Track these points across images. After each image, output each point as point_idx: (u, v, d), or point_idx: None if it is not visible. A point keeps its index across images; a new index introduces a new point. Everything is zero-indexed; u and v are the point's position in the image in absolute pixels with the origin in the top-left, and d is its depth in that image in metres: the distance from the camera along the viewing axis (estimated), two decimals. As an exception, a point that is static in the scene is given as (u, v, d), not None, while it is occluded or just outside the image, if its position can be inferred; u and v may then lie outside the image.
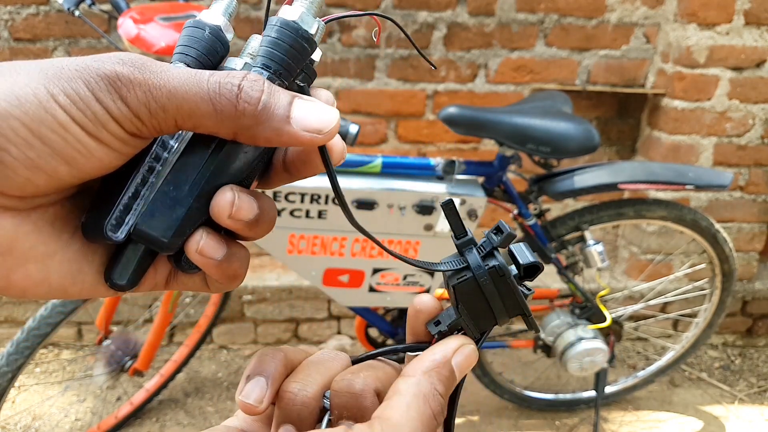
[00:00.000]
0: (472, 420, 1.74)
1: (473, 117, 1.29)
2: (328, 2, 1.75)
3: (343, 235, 1.33)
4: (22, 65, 0.22)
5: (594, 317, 1.57)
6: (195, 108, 0.23)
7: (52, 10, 1.71)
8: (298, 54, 0.26)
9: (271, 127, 0.24)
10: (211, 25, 0.28)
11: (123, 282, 0.26)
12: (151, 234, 0.25)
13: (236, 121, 0.24)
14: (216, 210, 0.25)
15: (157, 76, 0.23)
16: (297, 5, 0.26)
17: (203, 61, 0.27)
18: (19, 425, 1.65)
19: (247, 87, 0.24)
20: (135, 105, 0.23)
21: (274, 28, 0.26)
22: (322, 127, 0.25)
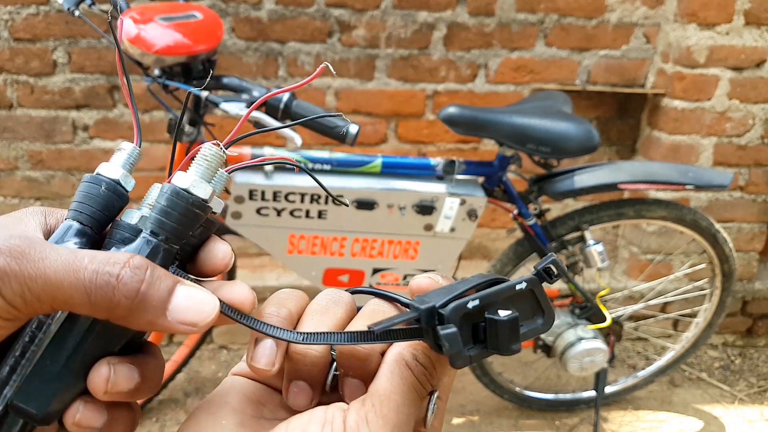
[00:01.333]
0: (472, 420, 1.74)
1: (473, 117, 1.29)
2: (329, 3, 1.75)
3: (343, 235, 1.33)
4: None
5: (594, 317, 1.57)
6: (69, 297, 0.24)
7: (52, 10, 1.71)
8: (190, 220, 0.27)
9: (146, 318, 0.24)
10: (107, 180, 0.28)
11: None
12: (25, 408, 0.25)
13: (110, 311, 0.24)
14: (92, 386, 0.26)
15: (34, 266, 0.23)
16: (191, 171, 0.27)
17: (98, 217, 0.27)
18: (19, 425, 1.65)
19: (127, 277, 0.24)
20: (10, 296, 0.23)
21: (164, 196, 0.26)
22: (198, 321, 0.25)
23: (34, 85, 1.78)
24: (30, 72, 1.77)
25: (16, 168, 1.88)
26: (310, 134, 1.83)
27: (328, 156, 1.31)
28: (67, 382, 0.26)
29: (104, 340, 0.26)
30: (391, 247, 1.36)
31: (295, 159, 1.29)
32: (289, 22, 1.76)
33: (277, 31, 1.77)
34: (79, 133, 1.85)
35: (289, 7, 1.75)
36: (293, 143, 1.15)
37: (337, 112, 1.87)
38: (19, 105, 1.81)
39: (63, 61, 1.77)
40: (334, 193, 1.28)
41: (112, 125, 1.84)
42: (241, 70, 1.80)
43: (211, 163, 0.27)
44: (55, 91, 1.79)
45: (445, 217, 1.33)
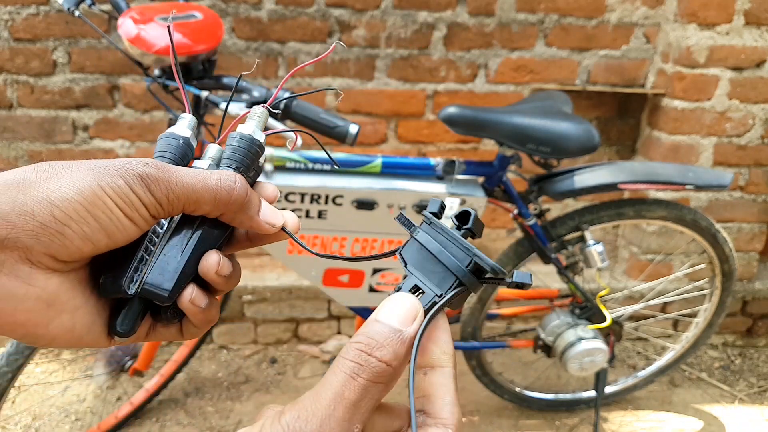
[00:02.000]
0: (472, 420, 1.74)
1: (473, 117, 1.29)
2: (329, 3, 1.75)
3: (343, 235, 1.33)
4: (74, 164, 0.30)
5: (594, 317, 1.57)
6: (200, 197, 0.33)
7: (52, 10, 1.71)
8: (254, 156, 0.37)
9: (247, 215, 0.35)
10: (183, 137, 0.37)
11: (125, 330, 0.34)
12: (156, 289, 0.33)
13: (227, 206, 0.34)
14: (205, 269, 0.34)
15: (174, 175, 0.32)
16: (249, 123, 0.37)
17: (177, 160, 0.36)
18: (19, 425, 1.65)
19: (239, 186, 0.34)
20: (159, 195, 0.31)
21: (236, 139, 0.37)
22: (275, 222, 0.36)
23: (34, 85, 1.78)
24: (30, 72, 1.77)
25: (16, 168, 1.88)
26: (310, 134, 1.82)
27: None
28: (185, 269, 0.34)
29: (210, 238, 0.35)
30: (390, 247, 1.36)
31: (296, 158, 1.29)
32: (289, 22, 1.76)
33: (277, 31, 1.77)
34: (79, 133, 1.85)
35: (289, 7, 1.75)
36: (293, 143, 1.15)
37: (337, 112, 1.87)
38: (19, 105, 1.81)
39: (63, 61, 1.77)
40: (334, 193, 1.28)
41: (112, 125, 1.84)
42: (241, 70, 1.80)
43: (261, 118, 0.38)
44: (55, 91, 1.79)
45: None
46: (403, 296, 0.31)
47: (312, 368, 1.93)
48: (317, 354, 1.99)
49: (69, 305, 0.31)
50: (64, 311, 0.31)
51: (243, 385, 1.85)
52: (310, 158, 1.30)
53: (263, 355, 1.98)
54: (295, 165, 1.30)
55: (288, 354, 1.99)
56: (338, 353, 0.30)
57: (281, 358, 1.97)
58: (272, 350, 2.01)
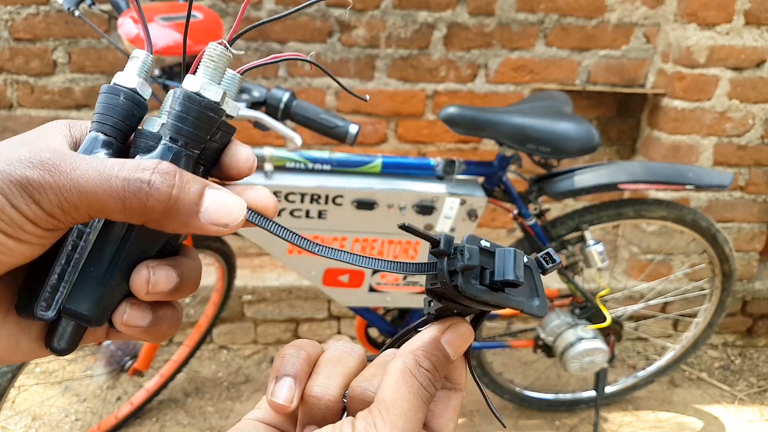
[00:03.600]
0: (472, 420, 1.74)
1: (473, 117, 1.29)
2: (329, 3, 1.75)
3: (343, 235, 1.33)
4: None
5: (594, 317, 1.57)
6: (104, 204, 0.24)
7: (52, 10, 1.71)
8: (206, 124, 0.27)
9: (180, 220, 0.25)
10: (126, 90, 0.28)
11: (62, 347, 0.28)
12: (78, 312, 0.27)
13: (145, 215, 0.25)
14: (134, 288, 0.27)
15: (67, 177, 0.24)
16: (199, 74, 0.27)
17: (121, 127, 0.28)
18: (19, 425, 1.65)
19: (158, 182, 0.24)
20: (48, 207, 0.24)
21: (177, 101, 0.26)
22: (228, 221, 0.26)
23: (34, 85, 1.78)
24: (30, 72, 1.77)
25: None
26: (310, 134, 1.83)
27: (328, 156, 1.31)
28: (112, 285, 0.27)
29: (141, 244, 0.27)
30: (391, 247, 1.36)
31: (296, 158, 1.29)
32: (289, 22, 1.76)
33: (277, 31, 1.77)
34: (79, 133, 1.85)
35: (289, 7, 1.75)
36: (293, 143, 1.15)
37: (337, 112, 1.87)
38: (19, 105, 1.81)
39: (63, 61, 1.77)
40: (334, 193, 1.28)
41: (112, 125, 1.84)
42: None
43: (218, 64, 0.28)
44: (55, 91, 1.79)
45: (445, 217, 1.33)
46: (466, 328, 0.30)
47: (312, 368, 1.93)
48: (317, 354, 1.98)
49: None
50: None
51: (243, 385, 1.85)
52: (310, 158, 1.30)
53: (263, 355, 1.98)
54: (295, 165, 1.30)
55: (288, 354, 1.99)
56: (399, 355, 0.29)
57: (281, 358, 1.97)
58: (272, 350, 2.01)
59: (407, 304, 1.48)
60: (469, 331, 0.30)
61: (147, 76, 0.29)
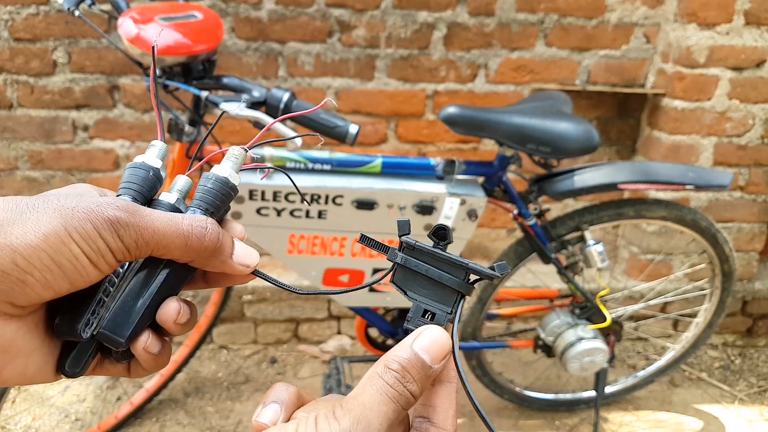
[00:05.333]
0: (472, 420, 1.74)
1: (473, 117, 1.29)
2: (329, 3, 1.75)
3: (343, 235, 1.33)
4: (40, 205, 0.29)
5: (594, 317, 1.57)
6: (171, 243, 0.32)
7: (52, 10, 1.71)
8: (226, 198, 0.36)
9: (220, 259, 0.34)
10: (153, 168, 0.36)
11: (74, 371, 0.33)
12: (112, 335, 0.33)
13: (199, 252, 0.33)
14: (164, 317, 0.34)
15: (144, 220, 0.31)
16: (225, 164, 0.36)
17: (144, 194, 0.35)
18: (19, 425, 1.65)
19: (212, 230, 0.33)
20: (128, 241, 0.30)
21: (210, 181, 0.36)
22: (250, 263, 0.36)
23: (34, 85, 1.78)
24: (30, 72, 1.77)
25: (16, 168, 1.88)
26: (310, 134, 1.82)
27: (328, 156, 1.31)
28: (144, 315, 0.33)
29: (171, 282, 0.34)
30: (391, 247, 1.36)
31: (296, 158, 1.29)
32: (289, 22, 1.76)
33: (277, 31, 1.77)
34: (79, 133, 1.85)
35: (289, 7, 1.75)
36: (293, 143, 1.15)
37: (337, 112, 1.87)
38: (19, 105, 1.81)
39: (63, 61, 1.77)
40: (334, 193, 1.28)
41: (112, 125, 1.84)
42: (241, 70, 1.80)
43: (238, 160, 0.37)
44: (55, 91, 1.79)
45: (445, 217, 1.33)
46: (438, 333, 0.32)
47: (312, 368, 1.93)
48: (317, 354, 1.99)
49: (24, 350, 0.30)
50: (19, 356, 0.30)
51: (243, 385, 1.85)
52: (310, 158, 1.30)
53: (263, 355, 1.98)
54: (295, 165, 1.30)
55: (288, 354, 1.99)
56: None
57: (281, 358, 1.97)
58: (272, 350, 2.01)
59: (407, 304, 1.48)
60: (441, 335, 0.32)
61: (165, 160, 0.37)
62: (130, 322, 0.33)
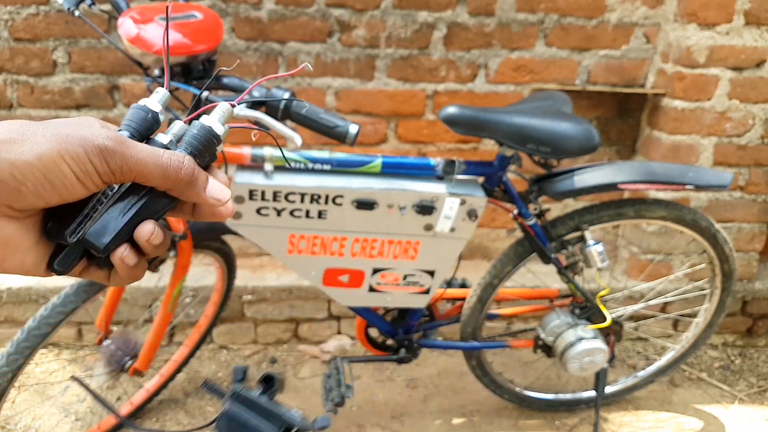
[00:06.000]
0: (472, 420, 1.74)
1: (473, 117, 1.29)
2: (329, 3, 1.75)
3: (343, 235, 1.33)
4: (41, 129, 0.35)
5: (594, 317, 1.57)
6: (150, 173, 0.37)
7: (52, 10, 1.71)
8: (209, 144, 0.41)
9: (194, 191, 0.40)
10: (152, 111, 0.42)
11: (61, 268, 0.39)
12: (94, 242, 0.38)
13: (174, 183, 0.38)
14: (139, 234, 0.39)
15: (131, 150, 0.36)
16: (212, 116, 0.41)
17: (142, 132, 0.41)
18: (19, 425, 1.65)
19: (188, 164, 0.39)
20: (113, 166, 0.36)
21: (196, 127, 0.41)
22: (221, 198, 0.41)
23: (34, 85, 1.78)
24: (30, 72, 1.77)
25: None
26: (310, 134, 1.83)
27: (328, 156, 1.31)
28: (122, 230, 0.38)
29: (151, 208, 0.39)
30: (391, 247, 1.36)
31: (296, 158, 1.29)
32: (289, 22, 1.76)
33: (277, 31, 1.77)
34: (79, 133, 1.85)
35: (289, 7, 1.75)
36: (293, 143, 1.15)
37: (337, 112, 1.87)
38: (19, 105, 1.81)
39: (63, 61, 1.77)
40: (334, 193, 1.28)
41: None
42: (241, 70, 1.80)
43: (225, 114, 0.42)
44: (55, 91, 1.79)
45: (445, 217, 1.33)
46: None
47: (312, 368, 1.93)
48: (317, 354, 1.98)
49: (22, 246, 0.37)
50: (18, 251, 0.37)
51: (243, 385, 1.85)
52: (310, 158, 1.30)
53: (263, 355, 1.98)
54: (295, 165, 1.30)
55: (288, 354, 1.99)
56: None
57: (281, 358, 1.97)
58: (272, 350, 2.01)
59: (407, 304, 1.48)
60: None
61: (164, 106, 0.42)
62: (110, 232, 0.38)
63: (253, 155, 1.29)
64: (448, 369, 1.95)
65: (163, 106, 0.42)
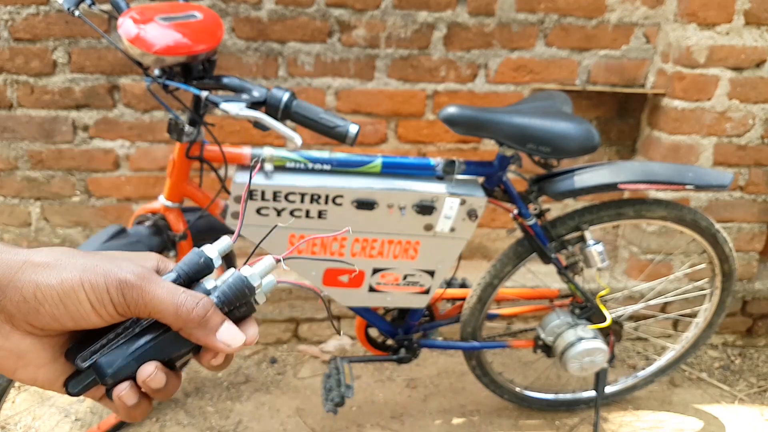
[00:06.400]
0: (472, 420, 1.75)
1: (473, 117, 1.29)
2: (329, 3, 1.75)
3: (342, 236, 1.33)
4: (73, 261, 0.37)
5: (594, 317, 1.57)
6: (165, 309, 0.38)
7: (52, 10, 1.71)
8: (241, 295, 0.41)
9: (203, 333, 0.39)
10: (207, 256, 0.42)
11: (74, 391, 0.40)
12: (101, 372, 0.38)
13: (186, 322, 0.38)
14: (138, 374, 0.39)
15: (151, 286, 0.37)
16: (255, 267, 0.42)
17: (190, 274, 0.41)
18: (19, 425, 1.65)
19: (200, 307, 0.39)
20: (129, 300, 0.37)
21: (233, 275, 0.41)
22: (231, 344, 0.40)
23: (34, 85, 1.78)
24: (30, 72, 1.77)
25: (16, 168, 1.88)
26: (310, 134, 1.83)
27: (328, 156, 1.31)
28: (127, 366, 0.39)
29: (165, 348, 0.40)
30: (391, 247, 1.36)
31: (296, 158, 1.29)
32: (289, 22, 1.77)
33: (277, 31, 1.77)
34: (79, 133, 1.85)
35: (289, 7, 1.75)
36: (293, 143, 1.15)
37: (337, 112, 1.87)
38: (19, 105, 1.81)
39: (63, 61, 1.77)
40: (334, 193, 1.28)
41: (112, 125, 1.84)
42: (241, 70, 1.80)
43: (267, 269, 0.43)
44: (55, 91, 1.79)
45: (445, 217, 1.33)
46: None
47: (312, 368, 1.93)
48: (317, 354, 1.99)
49: (35, 362, 0.38)
50: (30, 365, 0.38)
51: (243, 385, 1.85)
52: (310, 158, 1.30)
53: (263, 355, 1.98)
54: (295, 165, 1.30)
55: (288, 354, 1.99)
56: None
57: (281, 358, 1.97)
58: (272, 350, 2.01)
59: (407, 304, 1.48)
60: None
61: (222, 254, 0.43)
62: (116, 365, 0.38)
63: (253, 155, 1.29)
64: (448, 369, 1.95)
65: (222, 254, 0.43)
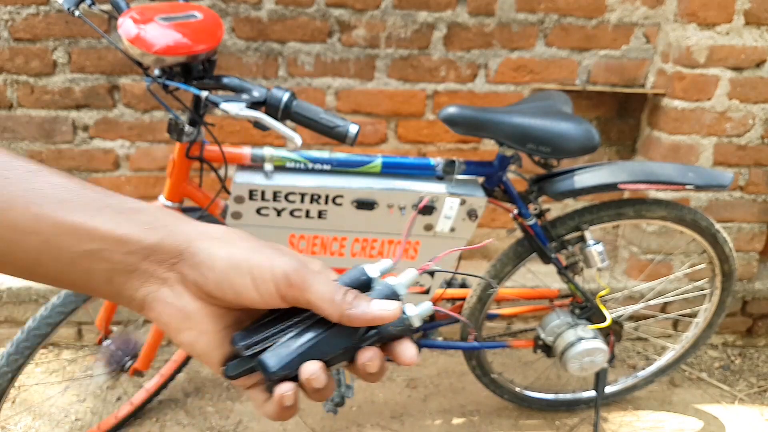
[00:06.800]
0: (472, 420, 1.74)
1: (473, 117, 1.29)
2: (329, 3, 1.75)
3: (343, 235, 1.33)
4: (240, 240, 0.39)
5: (594, 317, 1.57)
6: (321, 302, 0.38)
7: (52, 10, 1.71)
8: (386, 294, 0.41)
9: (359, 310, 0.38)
10: (367, 274, 0.42)
11: (230, 374, 0.39)
12: (266, 367, 0.38)
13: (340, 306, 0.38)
14: (301, 373, 0.38)
15: (313, 280, 0.38)
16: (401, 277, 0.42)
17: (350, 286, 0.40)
18: (19, 425, 1.65)
19: (349, 298, 0.39)
20: (293, 281, 0.37)
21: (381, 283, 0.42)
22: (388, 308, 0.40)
23: (34, 85, 1.78)
24: (30, 72, 1.77)
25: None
26: (310, 134, 1.83)
27: (328, 156, 1.31)
28: (291, 363, 0.38)
29: (329, 346, 0.39)
30: (391, 247, 1.36)
31: (296, 158, 1.29)
32: (289, 22, 1.76)
33: (277, 31, 1.77)
34: (79, 133, 1.85)
35: (289, 7, 1.75)
36: (293, 143, 1.15)
37: (337, 112, 1.87)
38: (19, 105, 1.81)
39: (63, 61, 1.77)
40: (334, 193, 1.28)
41: (112, 125, 1.84)
42: (241, 70, 1.80)
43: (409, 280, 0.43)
44: (55, 91, 1.79)
45: (445, 217, 1.33)
46: None
47: (312, 368, 1.93)
48: (317, 354, 1.98)
49: (198, 326, 0.39)
50: (193, 329, 0.39)
51: (243, 385, 1.85)
52: (310, 158, 1.30)
53: (263, 355, 1.98)
54: (295, 165, 1.30)
55: (288, 354, 1.99)
56: None
57: (281, 358, 1.97)
58: (272, 350, 2.01)
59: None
60: None
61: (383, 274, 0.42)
62: (280, 363, 0.38)
63: (252, 155, 1.29)
64: (448, 369, 1.95)
65: (381, 273, 0.42)
